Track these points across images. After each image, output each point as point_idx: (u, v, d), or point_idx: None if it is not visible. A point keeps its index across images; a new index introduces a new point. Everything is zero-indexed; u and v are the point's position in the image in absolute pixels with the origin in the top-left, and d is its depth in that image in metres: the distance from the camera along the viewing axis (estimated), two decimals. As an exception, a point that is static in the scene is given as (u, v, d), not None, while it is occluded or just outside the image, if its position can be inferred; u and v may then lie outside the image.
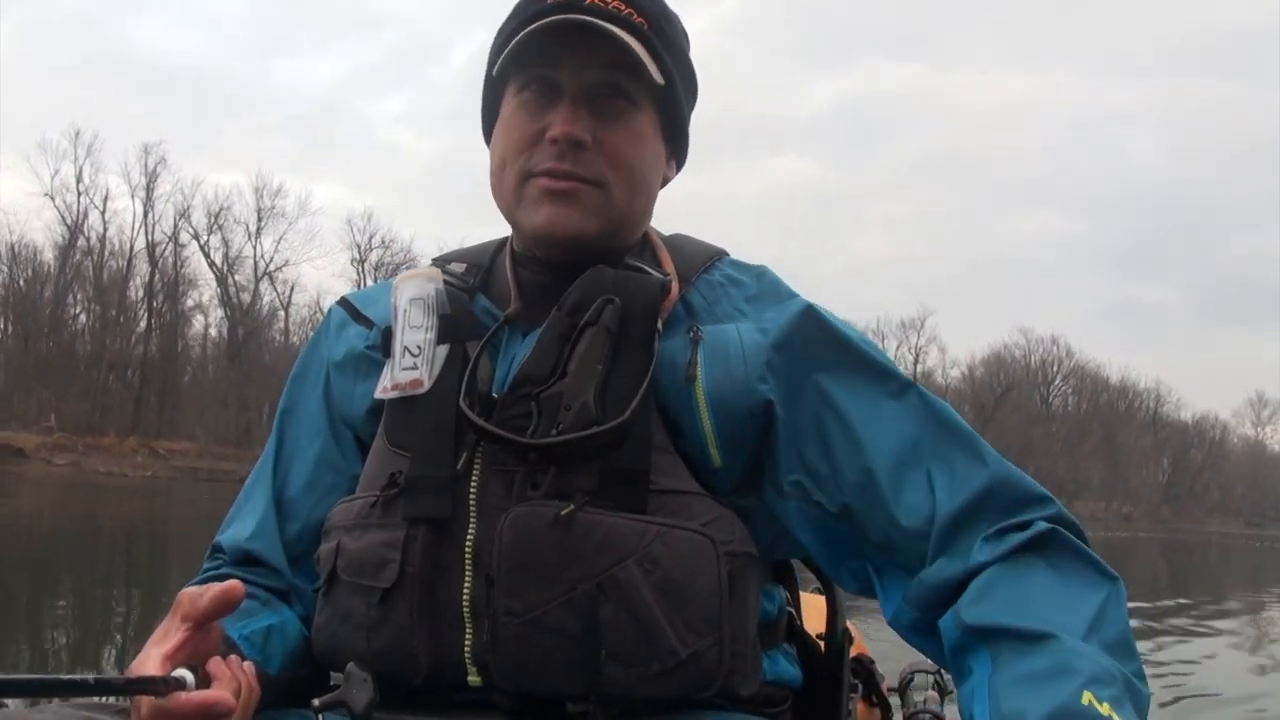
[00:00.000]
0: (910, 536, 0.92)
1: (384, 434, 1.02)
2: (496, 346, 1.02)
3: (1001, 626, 0.83)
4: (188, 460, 36.19)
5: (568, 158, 0.97)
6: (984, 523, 0.91)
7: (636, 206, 1.03)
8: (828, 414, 0.97)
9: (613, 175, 0.99)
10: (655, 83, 0.98)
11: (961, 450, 0.95)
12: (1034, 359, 62.81)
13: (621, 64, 0.97)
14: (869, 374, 0.99)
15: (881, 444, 0.95)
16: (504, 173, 1.02)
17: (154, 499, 20.78)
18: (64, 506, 16.61)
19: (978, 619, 0.85)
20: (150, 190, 44.09)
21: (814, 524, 0.97)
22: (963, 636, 0.86)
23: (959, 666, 0.87)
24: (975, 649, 0.85)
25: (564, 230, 0.99)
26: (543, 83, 0.99)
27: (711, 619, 0.91)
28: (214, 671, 0.81)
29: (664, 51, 1.00)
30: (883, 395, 0.98)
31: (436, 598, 0.93)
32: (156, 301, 44.41)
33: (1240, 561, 22.63)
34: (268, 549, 1.05)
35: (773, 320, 1.00)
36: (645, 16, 1.00)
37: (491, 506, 0.93)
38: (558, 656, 0.90)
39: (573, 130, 0.97)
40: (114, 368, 42.51)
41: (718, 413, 0.96)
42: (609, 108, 0.99)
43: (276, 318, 47.54)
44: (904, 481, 0.94)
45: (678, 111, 1.05)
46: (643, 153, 1.02)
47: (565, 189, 0.98)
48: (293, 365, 1.16)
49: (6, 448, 30.78)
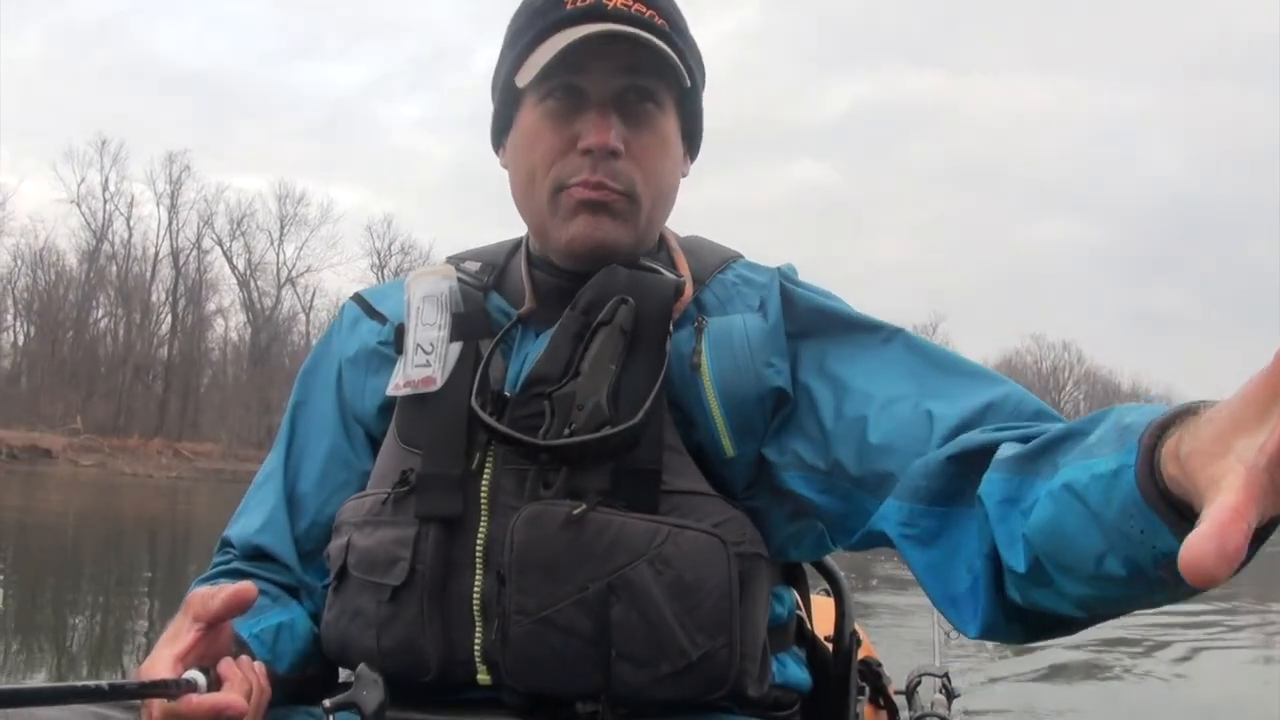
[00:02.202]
0: (897, 459, 0.86)
1: (395, 431, 1.02)
2: (509, 345, 1.02)
3: (1053, 438, 0.72)
4: (211, 462, 36.46)
5: (601, 168, 0.97)
6: (986, 426, 0.83)
7: (660, 212, 1.04)
8: (819, 377, 0.96)
9: (642, 184, 0.99)
10: (684, 85, 0.98)
11: (962, 380, 0.91)
12: (1045, 365, 62.89)
13: (645, 67, 0.96)
14: (855, 330, 0.98)
15: (873, 389, 0.92)
16: (533, 184, 1.01)
17: (180, 499, 20.97)
18: (93, 507, 16.77)
19: (1021, 449, 0.74)
20: (175, 198, 44.73)
21: (821, 489, 0.94)
22: (1008, 476, 0.73)
23: (1011, 519, 0.72)
24: (1030, 481, 0.71)
25: (599, 241, 0.98)
26: (567, 90, 0.98)
27: (722, 620, 0.91)
28: (225, 673, 0.81)
29: (686, 51, 1.00)
30: (870, 347, 0.96)
31: (447, 596, 0.93)
32: (180, 306, 44.87)
33: (1251, 568, 22.24)
34: (278, 544, 1.05)
35: (768, 302, 0.99)
36: (665, 17, 0.99)
37: (503, 505, 0.93)
38: (568, 656, 0.89)
39: (607, 139, 0.96)
40: (138, 370, 42.92)
41: (727, 401, 0.95)
42: (637, 113, 0.98)
43: (297, 321, 47.94)
44: (889, 414, 0.89)
45: (698, 110, 1.05)
46: (670, 158, 1.02)
47: (599, 199, 0.97)
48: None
49: (34, 449, 31.13)
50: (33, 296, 43.40)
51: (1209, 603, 8.78)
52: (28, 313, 43.46)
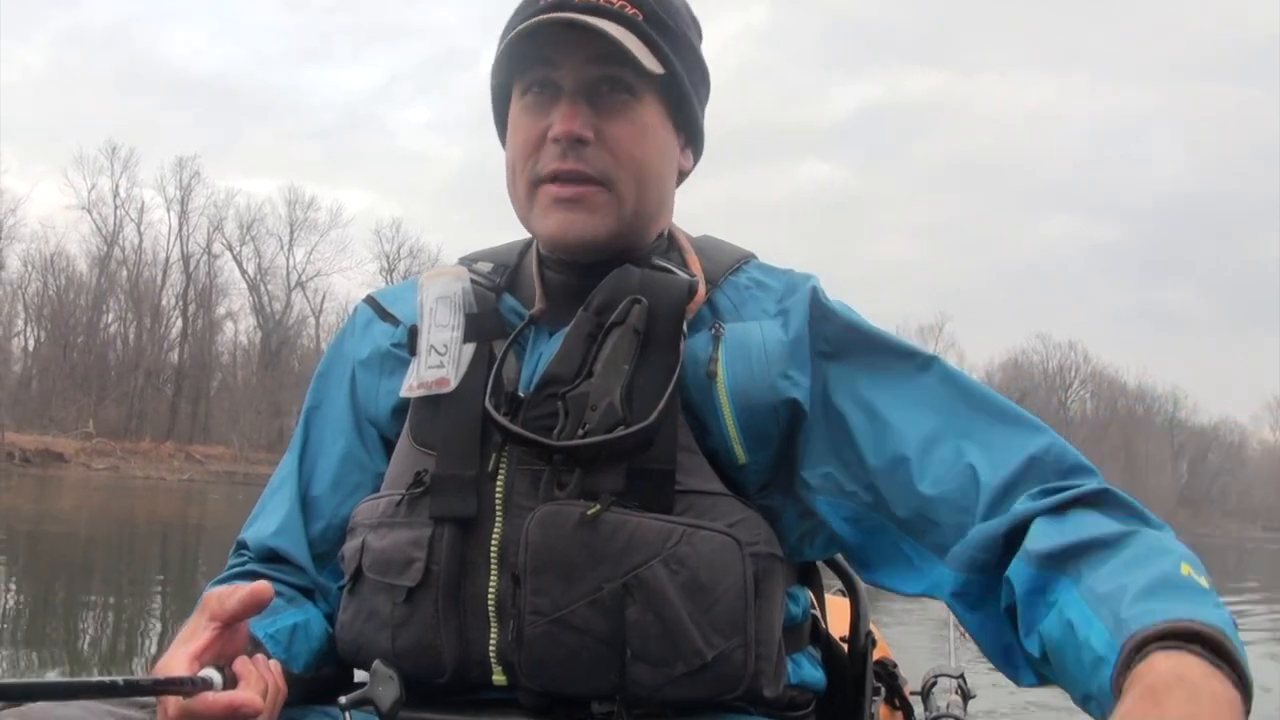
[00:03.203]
0: (945, 511, 0.90)
1: (409, 432, 1.02)
2: (523, 345, 1.02)
3: (1080, 541, 0.78)
4: (223, 464, 36.66)
5: (570, 156, 0.97)
6: (1029, 487, 0.87)
7: (649, 201, 1.02)
8: (853, 402, 0.96)
9: (619, 171, 0.98)
10: (651, 73, 0.97)
11: (998, 422, 0.93)
12: (1051, 364, 62.85)
13: (614, 57, 0.96)
14: (888, 355, 0.98)
15: (909, 425, 0.93)
16: (515, 178, 1.02)
17: (192, 502, 21.06)
18: (109, 509, 16.85)
19: (1050, 544, 0.79)
20: (185, 203, 45.00)
21: (849, 517, 0.96)
22: (1038, 571, 0.79)
23: (1034, 609, 0.80)
24: (1054, 578, 0.78)
25: (576, 236, 0.99)
26: (543, 84, 0.99)
27: (737, 621, 0.91)
28: (240, 671, 0.81)
29: (662, 40, 0.99)
30: (905, 375, 0.96)
31: (462, 596, 0.93)
32: (190, 310, 45.11)
33: (1255, 565, 22.10)
34: (293, 546, 1.05)
35: (791, 314, 0.99)
36: (639, 7, 0.99)
37: (517, 506, 0.93)
38: (583, 656, 0.89)
39: (572, 127, 0.96)
40: (149, 375, 43.13)
41: (740, 409, 0.95)
42: (609, 101, 0.98)
43: (306, 325, 48.11)
44: (933, 459, 0.91)
45: (686, 100, 1.03)
46: (649, 145, 1.01)
47: (573, 195, 0.98)
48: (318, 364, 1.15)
49: (48, 453, 31.31)
50: (44, 302, 43.71)
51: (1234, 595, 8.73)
52: (39, 318, 43.77)
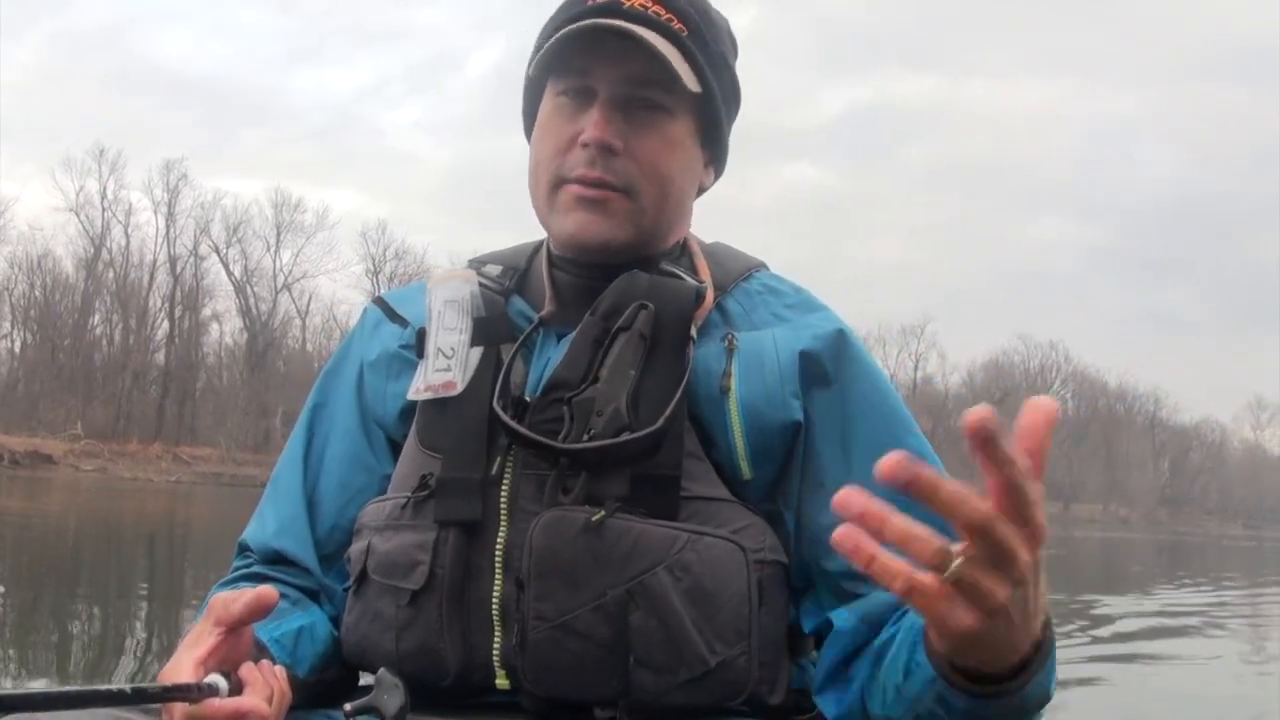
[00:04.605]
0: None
1: (416, 435, 1.02)
2: (530, 349, 1.02)
3: None
4: (210, 465, 36.49)
5: (598, 163, 0.97)
6: None
7: (668, 214, 1.03)
8: (838, 450, 0.97)
9: (643, 183, 0.99)
10: (690, 91, 0.98)
11: None
12: (1033, 364, 63.68)
13: (656, 70, 0.97)
14: (891, 424, 0.98)
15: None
16: (538, 176, 1.02)
17: (180, 502, 20.95)
18: (95, 512, 16.75)
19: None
20: (172, 205, 44.82)
21: (791, 538, 0.97)
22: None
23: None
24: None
25: (594, 237, 0.99)
26: (578, 87, 0.99)
27: (741, 627, 0.91)
28: (246, 677, 0.80)
29: (702, 58, 0.99)
30: (894, 447, 0.97)
31: (466, 600, 0.93)
32: (177, 312, 44.89)
33: (1235, 561, 22.20)
34: (298, 548, 1.05)
35: (809, 331, 0.99)
36: (685, 22, 0.99)
37: (522, 510, 0.93)
38: (587, 662, 0.89)
39: (604, 136, 0.97)
40: (136, 376, 42.90)
41: (750, 427, 0.95)
42: (642, 114, 0.99)
43: (293, 326, 47.94)
44: None
45: (716, 119, 1.04)
46: (676, 160, 1.01)
47: (596, 196, 0.98)
48: (317, 365, 1.17)
49: (36, 455, 31.06)
50: (30, 304, 43.46)
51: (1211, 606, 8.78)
52: (26, 320, 43.51)
